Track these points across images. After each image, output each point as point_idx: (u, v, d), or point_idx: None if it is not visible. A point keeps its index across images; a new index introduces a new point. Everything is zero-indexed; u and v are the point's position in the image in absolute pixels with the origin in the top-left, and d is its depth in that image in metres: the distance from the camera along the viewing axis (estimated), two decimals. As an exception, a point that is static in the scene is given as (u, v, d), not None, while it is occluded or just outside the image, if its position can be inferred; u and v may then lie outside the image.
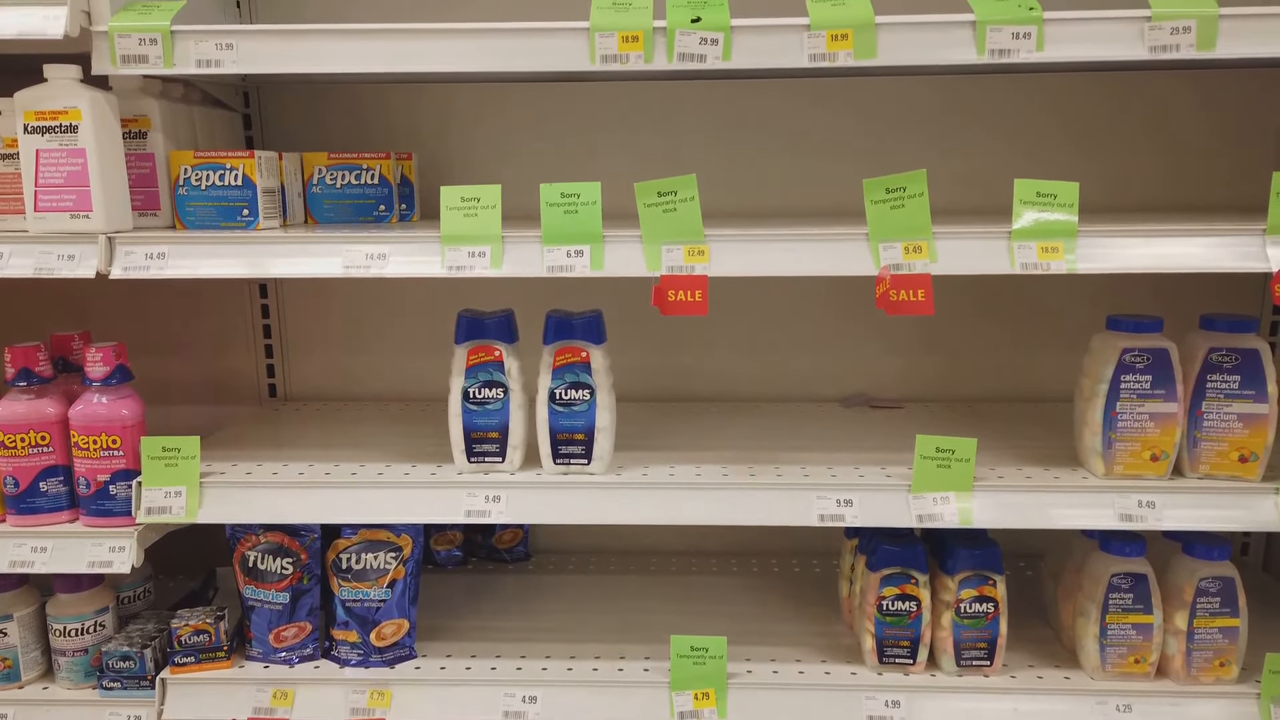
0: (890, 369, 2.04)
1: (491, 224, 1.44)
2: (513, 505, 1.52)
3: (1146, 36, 1.34)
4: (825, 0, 1.39)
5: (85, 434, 1.52)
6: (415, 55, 1.42)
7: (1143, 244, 1.38)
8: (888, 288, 1.39)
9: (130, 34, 1.40)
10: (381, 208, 1.72)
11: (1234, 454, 1.47)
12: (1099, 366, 1.48)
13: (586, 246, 1.43)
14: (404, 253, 1.46)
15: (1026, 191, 1.38)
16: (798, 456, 1.63)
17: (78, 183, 1.43)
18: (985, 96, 1.90)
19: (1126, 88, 1.89)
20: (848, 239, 1.41)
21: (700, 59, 1.39)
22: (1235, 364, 1.44)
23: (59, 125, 1.42)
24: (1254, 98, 1.87)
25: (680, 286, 1.43)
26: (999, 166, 1.89)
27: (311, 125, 1.96)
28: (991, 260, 1.39)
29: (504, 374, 1.53)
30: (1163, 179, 1.92)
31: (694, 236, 1.43)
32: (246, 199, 1.54)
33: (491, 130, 1.97)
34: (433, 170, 1.95)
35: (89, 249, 1.44)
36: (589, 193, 1.43)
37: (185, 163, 1.54)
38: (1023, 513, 1.48)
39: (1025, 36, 1.34)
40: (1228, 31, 1.32)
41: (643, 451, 1.66)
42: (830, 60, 1.37)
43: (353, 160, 1.70)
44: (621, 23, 1.38)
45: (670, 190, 1.43)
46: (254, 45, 1.42)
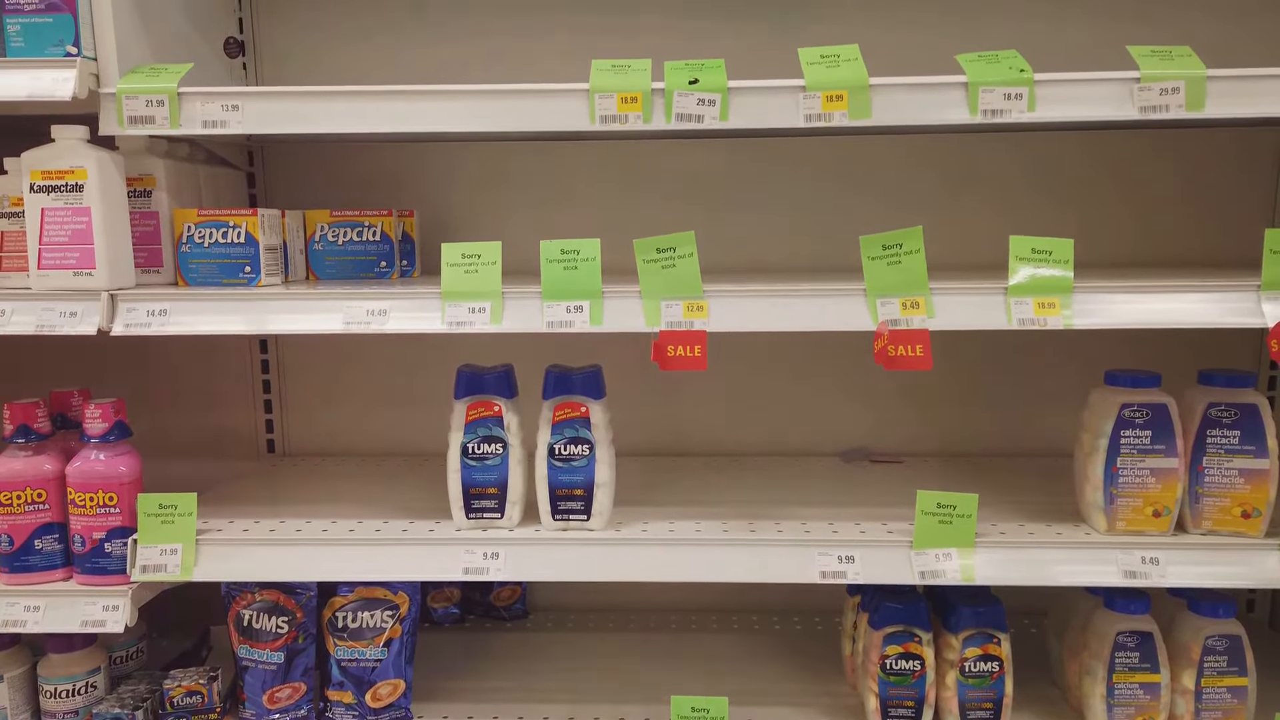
0: (890, 423, 2.04)
1: (492, 280, 1.45)
2: (511, 562, 1.50)
3: (1136, 97, 1.36)
4: (821, 62, 1.41)
5: (82, 491, 1.51)
6: (418, 116, 1.45)
7: (1139, 299, 1.39)
8: (886, 343, 1.40)
9: (138, 96, 1.43)
10: (383, 264, 1.73)
11: (1236, 510, 1.46)
12: (1098, 421, 1.48)
13: (586, 302, 1.44)
14: (404, 309, 1.46)
15: (1022, 248, 1.40)
16: (798, 512, 1.62)
17: (81, 241, 1.45)
18: (981, 154, 1.93)
19: (1113, 144, 1.92)
20: (846, 295, 1.42)
21: (698, 119, 1.41)
22: (1235, 419, 1.44)
23: (65, 184, 1.44)
24: (1235, 155, 1.90)
25: (679, 342, 1.43)
26: (989, 223, 1.91)
27: (315, 183, 1.98)
28: (989, 316, 1.39)
29: (503, 429, 1.53)
30: (1144, 234, 1.94)
31: (693, 292, 1.44)
32: (249, 256, 1.56)
33: (493, 187, 1.99)
34: (435, 226, 1.97)
35: (91, 306, 1.45)
36: (588, 249, 1.45)
37: (189, 220, 1.56)
38: (1026, 569, 1.46)
39: (1017, 97, 1.37)
40: (1216, 92, 1.35)
41: (642, 507, 1.65)
42: (826, 120, 1.39)
43: (355, 217, 1.72)
44: (620, 84, 1.41)
45: (669, 247, 1.44)
46: (259, 106, 1.45)
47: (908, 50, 1.84)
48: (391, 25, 1.94)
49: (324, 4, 1.93)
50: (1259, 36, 1.85)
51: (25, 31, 1.44)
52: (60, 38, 1.44)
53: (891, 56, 1.65)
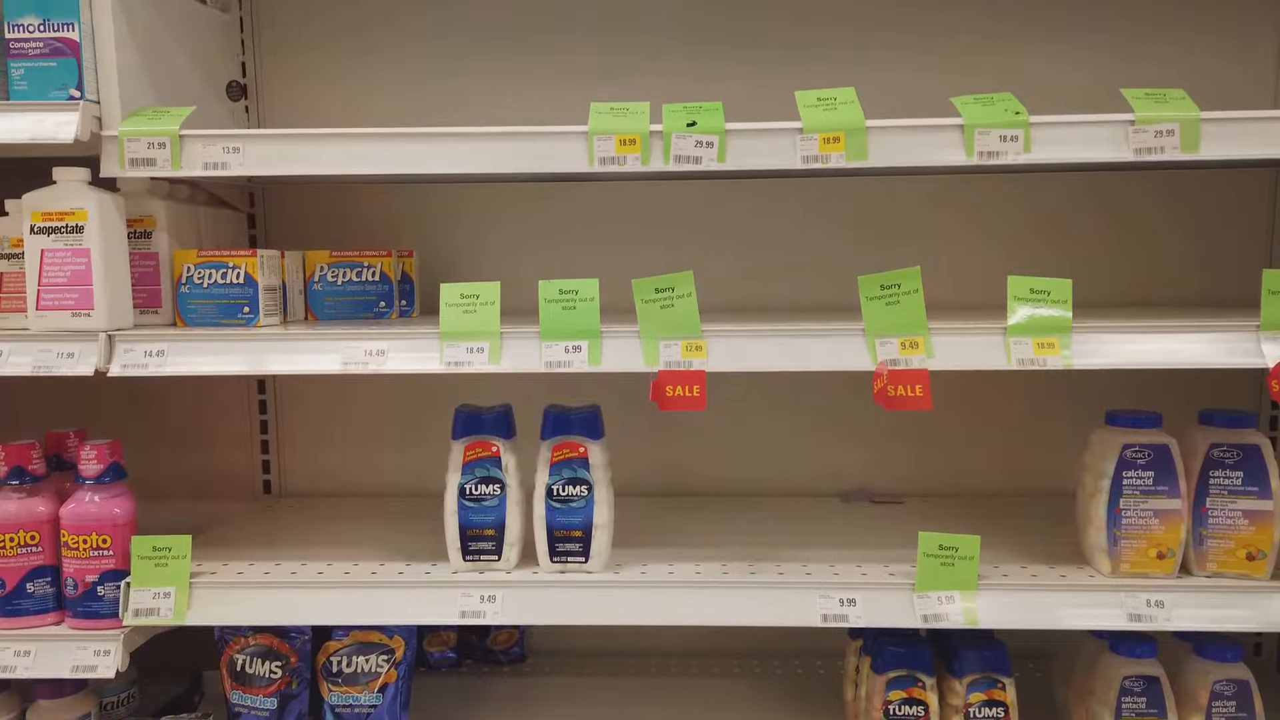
0: (890, 463, 2.03)
1: (490, 320, 1.45)
2: (509, 605, 1.48)
3: (1131, 139, 1.37)
4: (818, 105, 1.42)
5: (75, 533, 1.49)
6: (418, 158, 1.46)
7: (1139, 340, 1.38)
8: (885, 383, 1.40)
9: (139, 138, 1.44)
10: (382, 304, 1.74)
11: (1241, 551, 1.45)
12: (1100, 462, 1.47)
13: (584, 342, 1.44)
14: (403, 349, 1.46)
15: (1020, 288, 1.40)
16: (799, 554, 1.60)
17: (80, 282, 1.45)
18: (977, 194, 1.94)
19: (1111, 185, 1.93)
20: (844, 334, 1.42)
21: (696, 161, 1.42)
22: (1237, 460, 1.44)
23: (65, 226, 1.44)
24: (1232, 195, 1.91)
25: (678, 382, 1.43)
26: (986, 262, 1.92)
27: (315, 223, 1.99)
28: (988, 356, 1.39)
29: (501, 470, 1.52)
30: (1142, 274, 1.94)
31: (692, 332, 1.43)
32: (248, 297, 1.56)
33: (492, 227, 2.00)
34: (434, 266, 1.97)
35: (89, 347, 1.45)
36: (587, 289, 1.45)
37: (189, 261, 1.56)
38: (1029, 612, 1.44)
39: (1013, 139, 1.38)
40: (1210, 134, 1.36)
41: (641, 549, 1.64)
42: (823, 162, 1.40)
43: (354, 258, 1.73)
44: (619, 127, 1.42)
45: (668, 287, 1.44)
46: (260, 148, 1.46)
47: (902, 91, 1.86)
48: (393, 67, 1.96)
49: (325, 48, 1.95)
50: (1259, 78, 1.87)
51: (29, 75, 1.45)
52: (63, 81, 1.45)
53: (888, 97, 1.67)
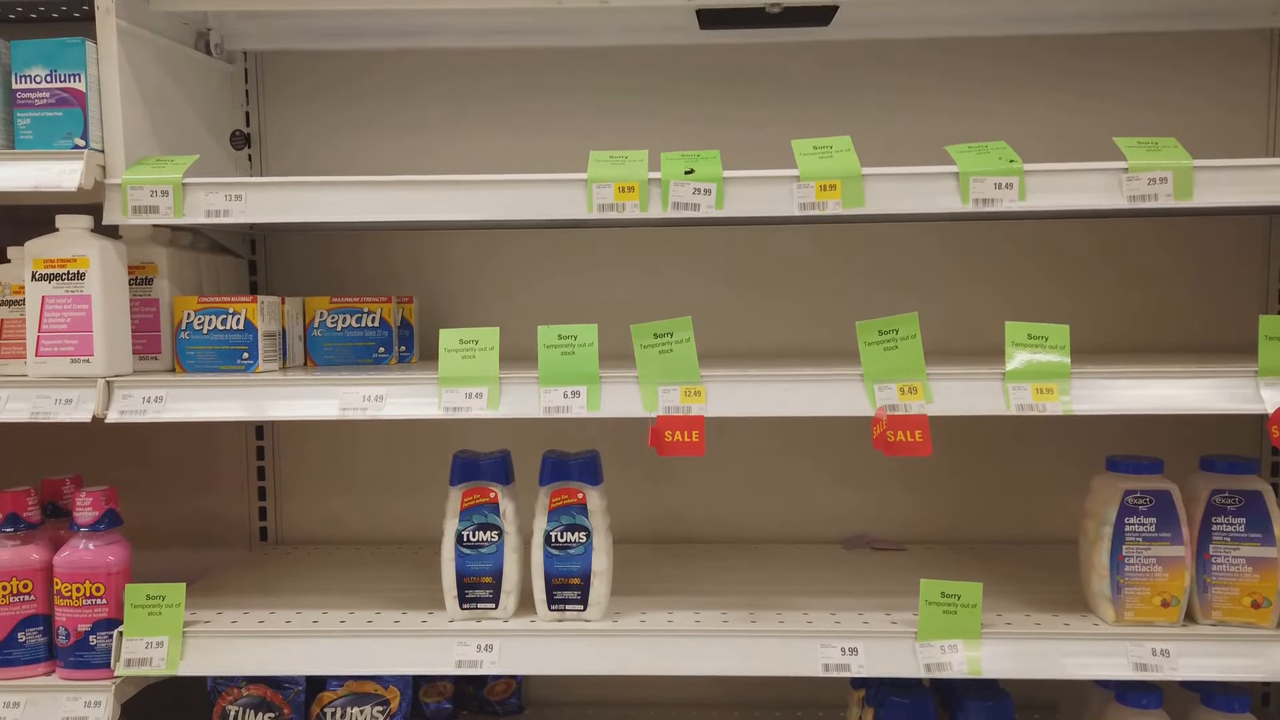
0: (891, 509, 2.01)
1: (489, 365, 1.45)
2: (506, 655, 1.46)
3: (1125, 186, 1.38)
4: (814, 153, 1.44)
5: (69, 581, 1.48)
6: (419, 206, 1.47)
7: (1137, 385, 1.38)
8: (885, 428, 1.39)
9: (143, 186, 1.45)
10: (381, 349, 1.74)
11: (1246, 599, 1.43)
12: (1101, 508, 1.46)
13: (583, 387, 1.44)
14: (401, 394, 1.46)
15: (1018, 334, 1.40)
16: (800, 601, 1.59)
17: (81, 328, 1.45)
18: (974, 240, 1.95)
19: (1109, 232, 1.94)
20: (843, 380, 1.42)
21: (694, 208, 1.43)
22: (1239, 506, 1.43)
23: (66, 272, 1.45)
24: (1228, 241, 1.92)
25: (677, 427, 1.42)
26: (985, 307, 1.92)
27: (315, 269, 2.00)
28: (987, 401, 1.39)
29: (499, 516, 1.51)
30: (1140, 318, 1.94)
31: (690, 377, 1.44)
32: (247, 343, 1.56)
33: (491, 273, 2.01)
34: (434, 311, 1.98)
35: (87, 393, 1.45)
36: (586, 335, 1.45)
37: (189, 308, 1.57)
38: (1033, 662, 1.42)
39: (1008, 186, 1.39)
40: (1204, 181, 1.37)
41: (640, 596, 1.62)
42: (820, 209, 1.41)
43: (354, 304, 1.73)
44: (618, 174, 1.43)
45: (666, 332, 1.44)
46: (262, 196, 1.47)
47: (900, 139, 1.88)
48: (394, 115, 1.98)
49: (327, 97, 1.98)
50: (1252, 125, 1.89)
51: (35, 124, 1.47)
52: (69, 130, 1.47)
53: (885, 145, 1.69)
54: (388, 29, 1.79)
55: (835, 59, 1.91)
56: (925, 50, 1.90)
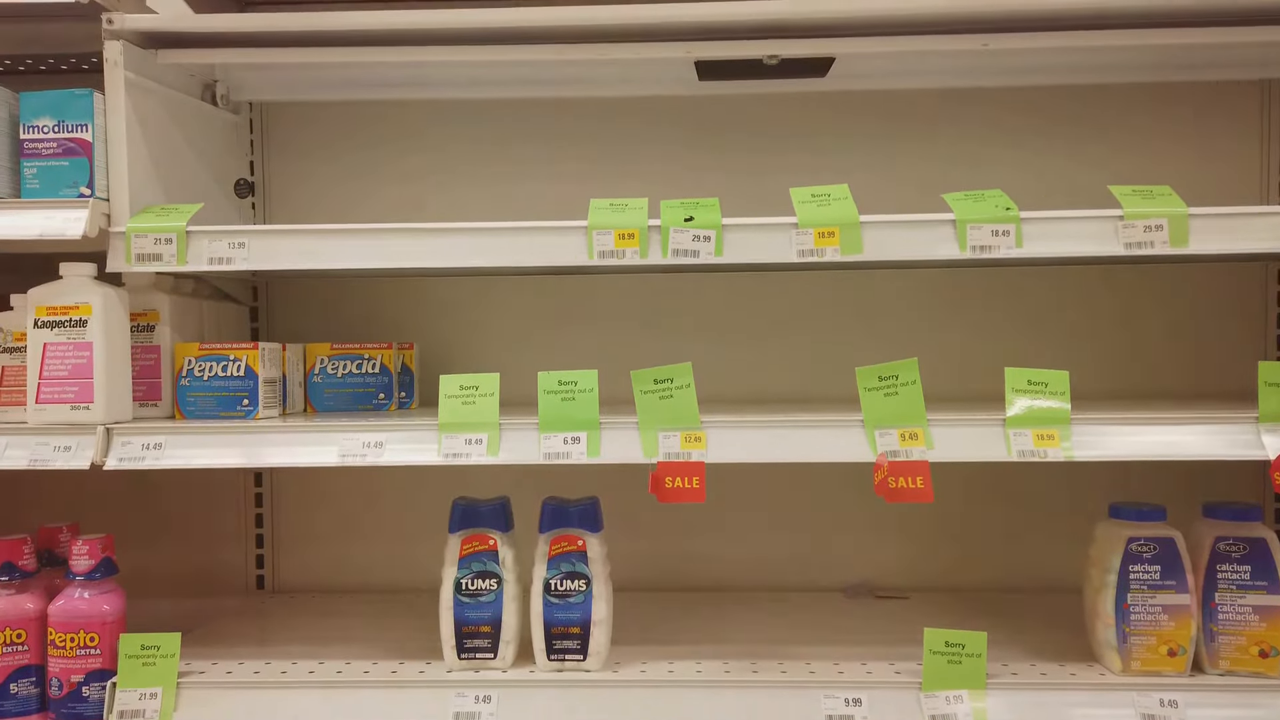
0: (893, 556, 2.00)
1: (489, 411, 1.45)
2: (504, 706, 1.44)
3: (1121, 234, 1.39)
4: (812, 201, 1.45)
5: (63, 631, 1.46)
6: (421, 253, 1.48)
7: (1138, 431, 1.38)
8: (886, 475, 1.39)
9: (146, 234, 1.46)
10: (381, 396, 1.74)
11: (1253, 648, 1.41)
12: (1106, 556, 1.45)
13: (583, 433, 1.43)
14: (401, 440, 1.46)
15: (1018, 380, 1.40)
16: (802, 650, 1.57)
17: (81, 375, 1.46)
18: (974, 285, 1.96)
19: (1107, 279, 1.95)
20: (844, 426, 1.42)
21: (694, 254, 1.44)
22: (1244, 554, 1.42)
23: (69, 320, 1.46)
24: (1226, 287, 1.93)
25: (677, 473, 1.42)
26: (984, 352, 1.93)
27: (317, 315, 2.01)
28: (988, 448, 1.39)
29: (498, 564, 1.50)
30: (1140, 365, 1.94)
31: (690, 423, 1.43)
32: (247, 389, 1.56)
33: (492, 318, 2.01)
34: (435, 358, 1.98)
35: (86, 440, 1.44)
36: (586, 380, 1.45)
37: (190, 354, 1.57)
38: (1040, 712, 1.40)
39: (1005, 234, 1.40)
40: (1199, 229, 1.38)
41: (640, 646, 1.60)
42: (818, 256, 1.42)
43: (355, 350, 1.74)
44: (618, 221, 1.44)
45: (666, 378, 1.45)
46: (264, 243, 1.48)
47: (898, 188, 1.90)
48: (396, 164, 2.00)
49: (331, 146, 2.00)
50: (1235, 180, 1.91)
51: (41, 174, 1.49)
52: (74, 179, 1.49)
53: (884, 194, 1.71)
54: (391, 80, 1.82)
55: (833, 108, 1.94)
56: (922, 100, 1.93)
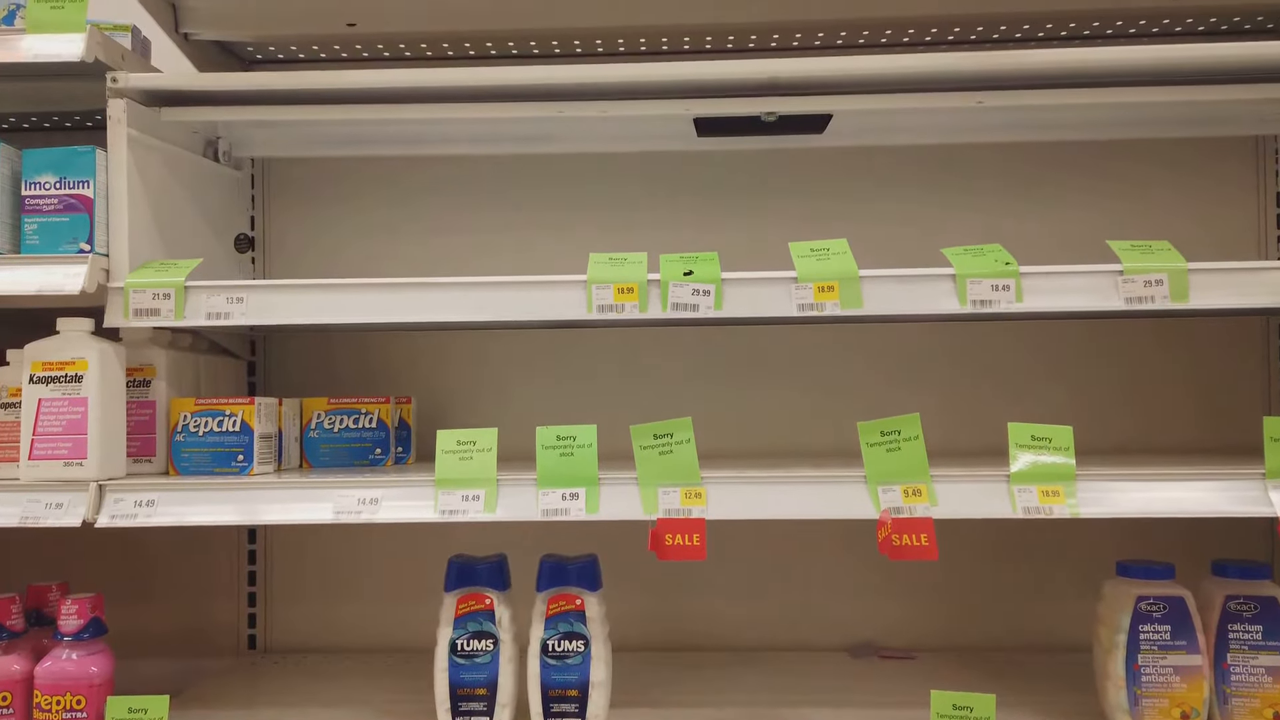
0: (898, 615, 1.96)
1: (486, 467, 1.43)
2: (499, 772, 1.41)
3: (1121, 288, 1.39)
4: (811, 255, 1.45)
5: (49, 694, 1.43)
6: (421, 307, 1.47)
7: (1144, 488, 1.36)
8: (889, 532, 1.37)
9: (145, 289, 1.46)
10: (377, 451, 1.72)
11: (1268, 711, 1.38)
12: (1114, 615, 1.42)
13: (582, 489, 1.42)
14: (396, 497, 1.44)
15: (1021, 435, 1.39)
16: (806, 713, 1.53)
17: (75, 431, 1.44)
18: (975, 339, 1.95)
19: (1109, 332, 1.95)
20: (846, 481, 1.40)
21: (693, 308, 1.44)
22: (1255, 613, 1.39)
23: (64, 375, 1.45)
24: (1230, 341, 1.92)
25: (678, 530, 1.40)
26: (986, 406, 1.92)
27: (315, 369, 2.00)
28: (993, 504, 1.37)
29: (494, 624, 1.47)
30: (1144, 419, 1.93)
31: (690, 479, 1.42)
32: (243, 445, 1.55)
33: (490, 372, 2.01)
34: (433, 412, 1.97)
35: (78, 497, 1.43)
36: (584, 435, 1.44)
37: (186, 410, 1.56)
38: (1051, 778, 1.37)
39: (1005, 288, 1.40)
40: (1200, 284, 1.38)
41: (639, 709, 1.57)
42: (818, 310, 1.42)
43: (352, 405, 1.73)
44: (617, 275, 1.44)
45: (666, 433, 1.43)
46: (262, 298, 1.48)
47: (897, 242, 1.91)
48: (397, 219, 2.01)
49: (332, 201, 2.01)
50: (1232, 235, 1.91)
51: (41, 230, 1.49)
52: (74, 235, 1.49)
53: (883, 249, 1.71)
54: (393, 137, 1.83)
55: (832, 163, 1.95)
56: (921, 154, 1.94)
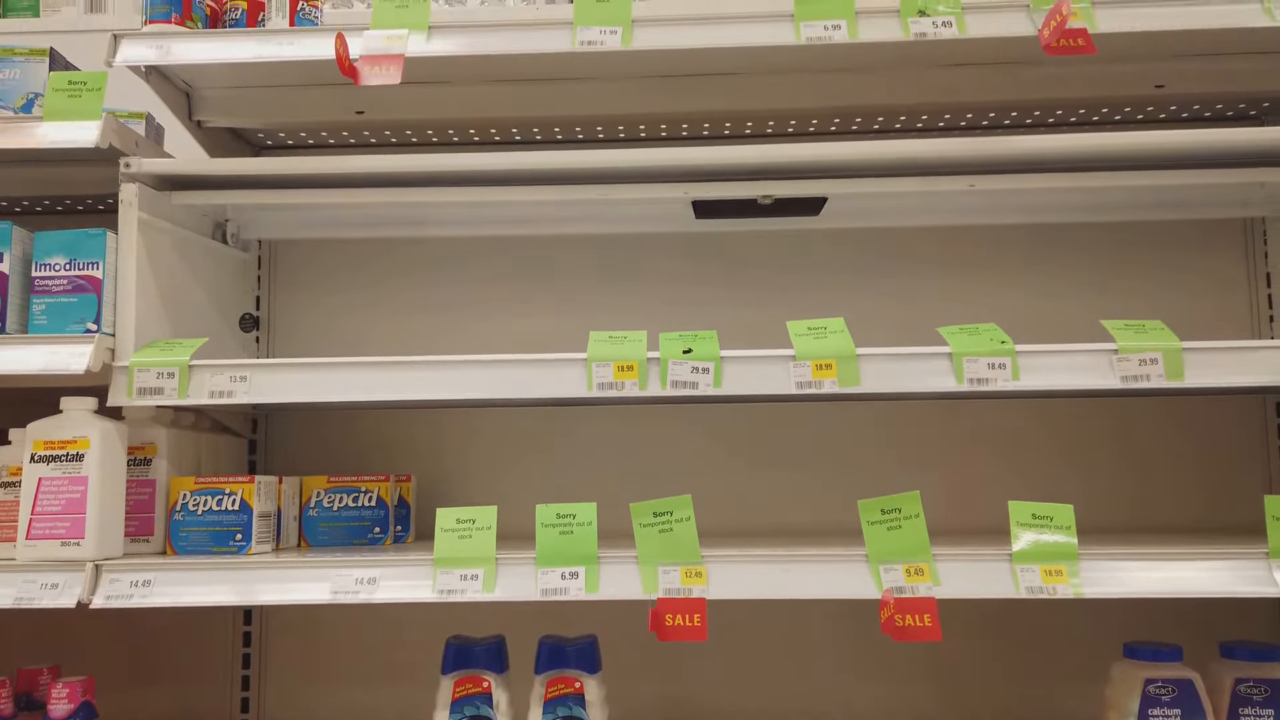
0: (903, 696, 1.92)
1: (485, 546, 1.42)
2: None
3: (1117, 367, 1.40)
4: (809, 334, 1.47)
5: (34, 781, 1.40)
6: (420, 385, 1.49)
7: (1148, 568, 1.35)
8: (892, 612, 1.35)
9: (149, 369, 1.48)
10: (376, 529, 1.71)
11: (1285, 798, 1.35)
12: (1123, 699, 1.40)
13: (581, 568, 1.41)
14: (395, 576, 1.43)
15: (1022, 514, 1.38)
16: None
17: (74, 510, 1.44)
18: (974, 416, 1.96)
19: (1107, 410, 1.95)
20: (848, 560, 1.39)
21: (692, 386, 1.45)
22: (1266, 696, 1.36)
23: (66, 454, 1.45)
24: (1229, 420, 1.93)
25: (678, 610, 1.38)
26: (986, 483, 1.91)
27: (316, 446, 2.00)
28: (996, 584, 1.35)
29: (491, 708, 1.44)
30: (1145, 497, 1.92)
31: (691, 558, 1.41)
32: (241, 524, 1.54)
33: (490, 450, 2.01)
34: (432, 488, 1.96)
35: (74, 577, 1.41)
36: (584, 513, 1.44)
37: (185, 488, 1.56)
38: None
39: (1001, 367, 1.41)
40: (1194, 363, 1.39)
41: (640, 797, 1.52)
42: (816, 388, 1.43)
43: (352, 483, 1.72)
44: (617, 354, 1.46)
45: (666, 510, 1.43)
46: (267, 377, 1.49)
47: (893, 322, 1.93)
48: (398, 298, 2.03)
49: (335, 280, 2.04)
50: (1225, 315, 1.94)
51: (49, 310, 1.51)
52: (82, 316, 1.51)
53: (880, 328, 1.73)
54: (398, 219, 1.87)
55: (829, 243, 1.99)
56: (915, 236, 1.98)
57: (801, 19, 1.53)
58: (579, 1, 1.55)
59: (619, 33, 1.54)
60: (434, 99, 1.83)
